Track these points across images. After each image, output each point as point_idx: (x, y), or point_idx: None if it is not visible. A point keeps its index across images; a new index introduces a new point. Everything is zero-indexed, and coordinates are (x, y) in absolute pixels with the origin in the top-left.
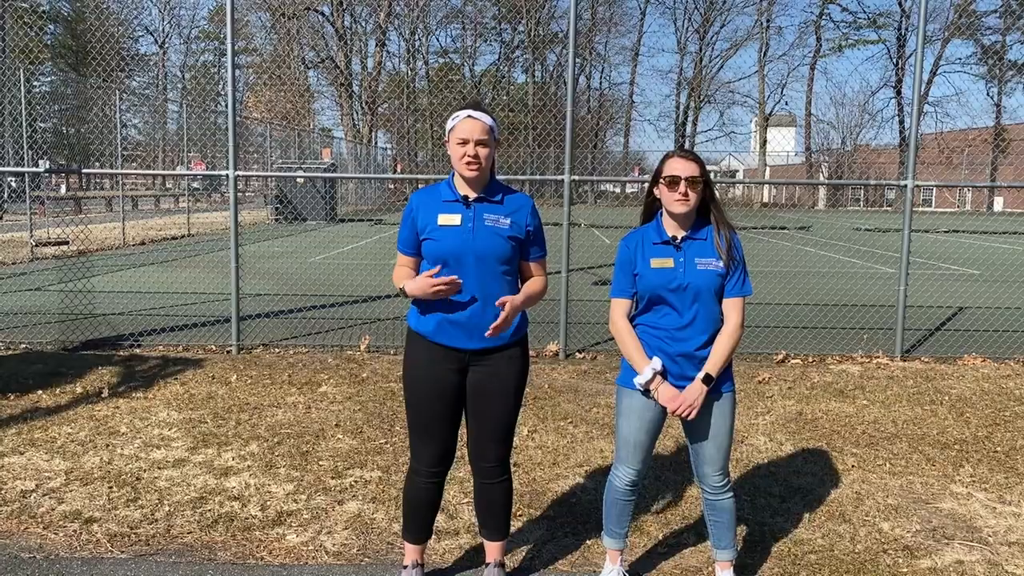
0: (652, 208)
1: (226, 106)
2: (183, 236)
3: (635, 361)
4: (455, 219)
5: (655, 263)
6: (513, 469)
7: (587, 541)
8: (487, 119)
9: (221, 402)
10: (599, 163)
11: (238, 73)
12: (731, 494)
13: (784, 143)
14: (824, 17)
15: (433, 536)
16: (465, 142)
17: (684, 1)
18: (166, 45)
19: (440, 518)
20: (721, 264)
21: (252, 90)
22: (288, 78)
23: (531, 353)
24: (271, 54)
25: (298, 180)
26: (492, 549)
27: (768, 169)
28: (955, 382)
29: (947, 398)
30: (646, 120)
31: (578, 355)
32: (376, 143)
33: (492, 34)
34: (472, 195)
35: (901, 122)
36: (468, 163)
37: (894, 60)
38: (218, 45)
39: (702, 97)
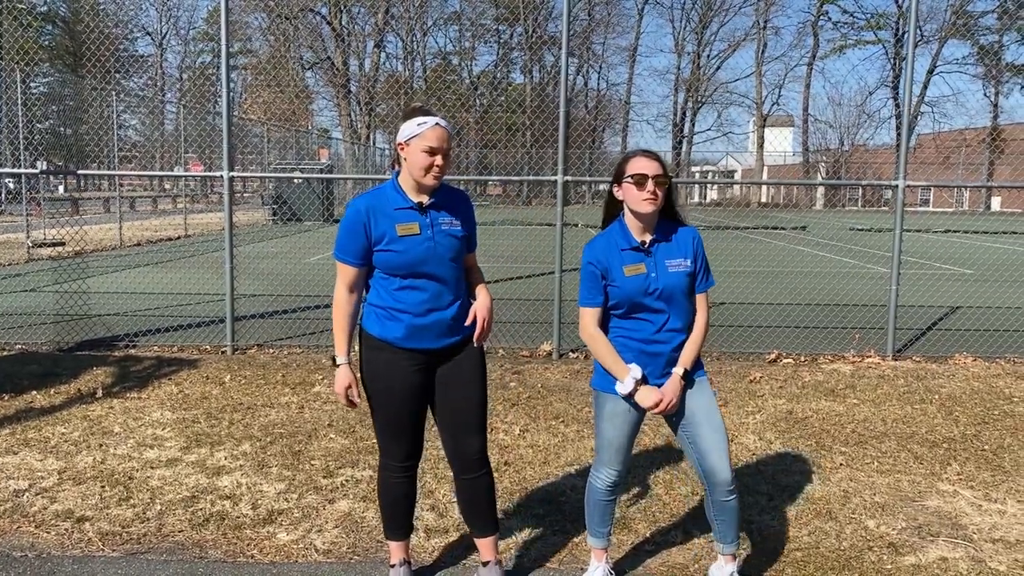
0: (613, 212)
1: (223, 107)
2: (180, 237)
3: (614, 370)
4: (414, 228)
5: (628, 270)
6: (504, 468)
7: (575, 539)
8: (450, 127)
9: (215, 402)
10: (597, 163)
11: (235, 74)
12: (737, 493)
13: (781, 143)
14: (822, 17)
15: (423, 534)
16: (434, 152)
17: (682, 1)
18: (164, 46)
19: (430, 516)
20: (689, 262)
21: (249, 91)
22: (285, 79)
23: (525, 353)
24: (268, 55)
25: (295, 181)
26: (486, 546)
27: (766, 169)
28: (945, 381)
29: (937, 397)
30: (644, 120)
31: (571, 355)
32: (374, 144)
33: (490, 35)
34: (425, 201)
35: (899, 122)
36: (435, 174)
37: (891, 60)
38: (216, 46)
39: (700, 97)
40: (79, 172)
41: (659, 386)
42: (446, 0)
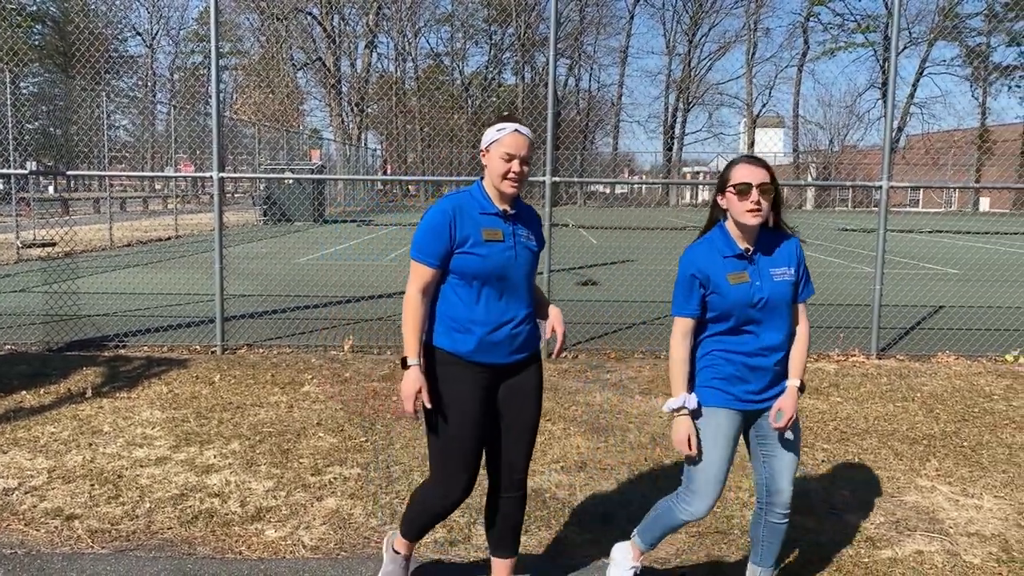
0: (714, 219)
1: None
2: (171, 238)
3: (675, 386)
4: (498, 234)
5: (732, 279)
6: None
7: (559, 534)
8: (530, 134)
9: (204, 401)
10: (588, 164)
11: (226, 74)
12: (789, 518)
13: (772, 144)
14: (812, 19)
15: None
16: (511, 158)
17: (673, 3)
18: (154, 46)
19: None
20: (792, 271)
21: (240, 91)
22: (276, 79)
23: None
24: (259, 55)
25: (286, 181)
26: (504, 568)
27: None
28: (928, 379)
29: (919, 395)
30: (635, 121)
31: (562, 354)
32: (365, 144)
33: (482, 36)
34: (508, 210)
35: (889, 123)
36: (512, 181)
37: (880, 62)
38: (207, 46)
39: (690, 98)
40: (69, 173)
41: (760, 406)
42: (437, 1)
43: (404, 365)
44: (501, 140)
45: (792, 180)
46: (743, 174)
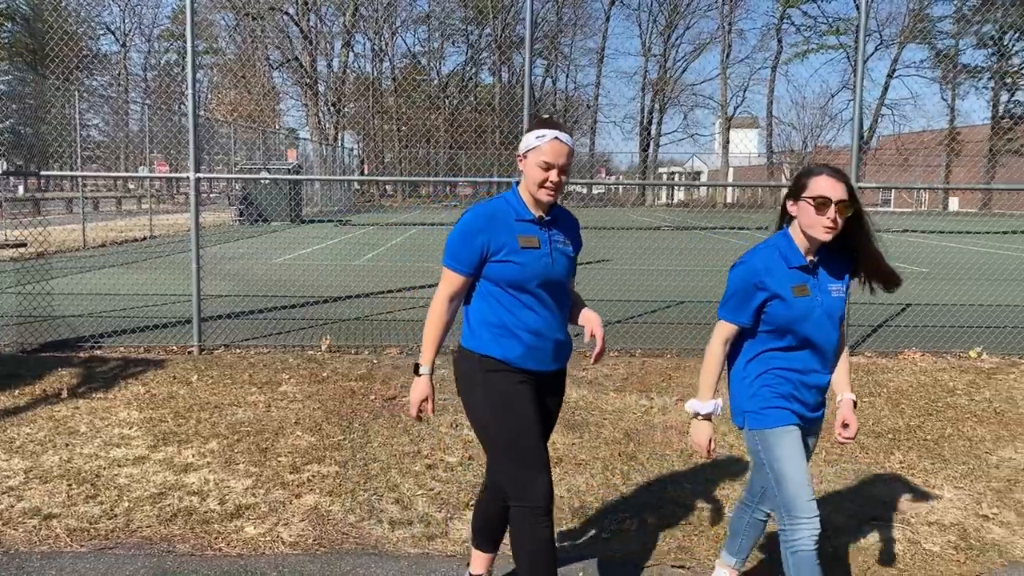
0: (782, 224)
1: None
2: (145, 238)
3: (705, 392)
4: (534, 241)
5: (796, 291)
6: (468, 462)
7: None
8: (571, 141)
9: (182, 401)
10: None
11: (201, 73)
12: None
13: (746, 144)
14: (785, 21)
15: (387, 526)
16: (550, 166)
17: (649, 4)
18: (128, 44)
19: (394, 509)
20: (844, 288)
21: (216, 90)
22: (253, 79)
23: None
24: (236, 54)
25: (262, 181)
26: (486, 562)
27: (731, 170)
28: (894, 375)
29: (885, 390)
30: (611, 121)
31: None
32: (342, 144)
33: (459, 36)
34: (544, 216)
35: (861, 124)
36: (549, 190)
37: (852, 64)
38: (181, 44)
39: (666, 99)
40: (41, 174)
41: (813, 420)
42: (414, 1)
43: (416, 371)
44: (541, 148)
45: (766, 181)
46: (824, 187)
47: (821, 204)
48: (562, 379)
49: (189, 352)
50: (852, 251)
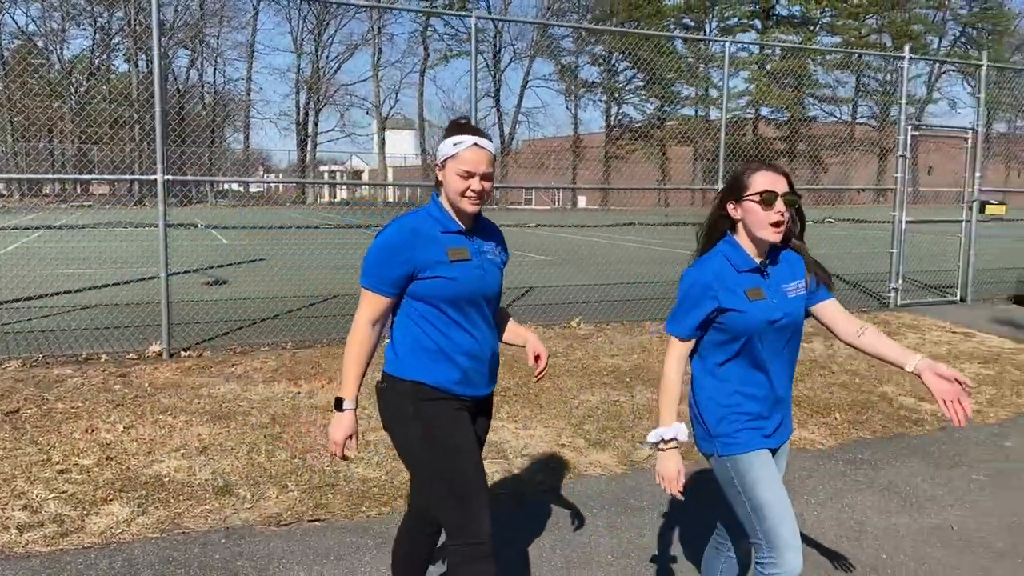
0: (718, 231)
1: None
2: None
3: (665, 417)
4: (465, 253)
5: (751, 295)
6: (106, 462)
7: (177, 509)
8: (492, 146)
9: None
10: (219, 161)
11: None
12: None
13: (402, 146)
14: (429, 28)
15: (14, 531)
16: (470, 175)
17: (297, 1)
18: None
19: (22, 515)
20: (802, 285)
21: None
22: None
23: (132, 355)
24: None
25: None
26: None
27: (390, 170)
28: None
29: (502, 358)
30: (266, 118)
31: (183, 353)
32: None
33: (84, 17)
34: (470, 226)
35: (501, 129)
36: (472, 199)
37: (492, 73)
38: None
39: (321, 98)
40: None
41: (779, 439)
42: None
43: (339, 407)
44: (460, 156)
45: (422, 180)
46: (766, 181)
47: (768, 199)
48: (491, 400)
49: None
50: (796, 248)
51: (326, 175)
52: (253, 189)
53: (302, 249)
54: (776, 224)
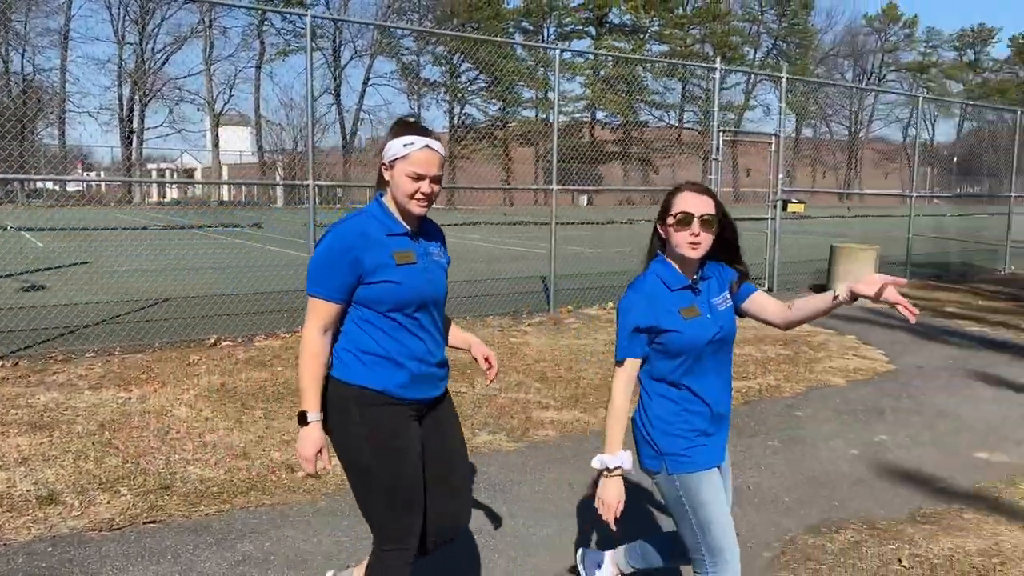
0: (653, 252)
1: None
2: None
3: (611, 444)
4: (410, 256)
5: (685, 313)
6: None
7: None
8: (442, 148)
9: None
10: (32, 158)
11: None
12: None
13: (238, 143)
14: (266, 23)
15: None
16: (421, 177)
17: None
18: None
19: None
20: (729, 296)
21: None
22: None
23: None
24: None
25: None
26: None
27: (225, 168)
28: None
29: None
30: (85, 112)
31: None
32: None
33: None
34: (415, 228)
35: (343, 127)
36: (421, 201)
37: (332, 70)
38: None
39: (148, 92)
40: None
41: (723, 453)
42: None
43: (303, 421)
44: (410, 157)
45: (259, 179)
46: (684, 203)
47: (682, 220)
48: (447, 400)
49: None
50: (728, 261)
51: (154, 173)
52: (71, 188)
53: (129, 251)
54: (691, 244)
